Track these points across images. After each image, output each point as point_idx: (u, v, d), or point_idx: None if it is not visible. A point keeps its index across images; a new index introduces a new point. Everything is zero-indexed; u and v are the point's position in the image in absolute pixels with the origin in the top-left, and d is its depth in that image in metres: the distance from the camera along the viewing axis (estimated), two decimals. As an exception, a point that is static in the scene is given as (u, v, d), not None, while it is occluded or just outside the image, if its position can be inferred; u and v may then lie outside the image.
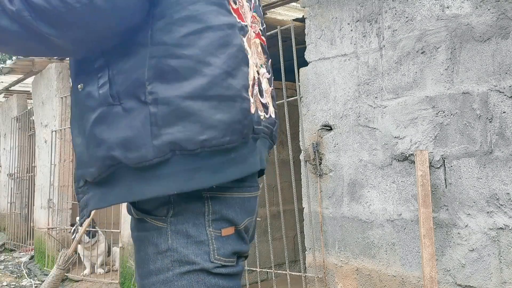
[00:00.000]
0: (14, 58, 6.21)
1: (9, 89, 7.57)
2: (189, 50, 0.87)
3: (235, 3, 0.97)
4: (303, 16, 3.04)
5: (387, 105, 2.48)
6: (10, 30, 0.82)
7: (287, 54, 3.49)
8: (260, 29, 1.11)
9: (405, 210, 2.39)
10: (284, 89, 2.88)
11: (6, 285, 5.21)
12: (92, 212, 0.90)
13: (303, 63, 2.89)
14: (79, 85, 0.94)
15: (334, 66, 2.75)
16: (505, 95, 2.03)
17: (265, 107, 1.05)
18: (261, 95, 1.04)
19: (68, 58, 0.93)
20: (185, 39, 0.87)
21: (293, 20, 3.59)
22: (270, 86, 1.12)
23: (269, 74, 1.13)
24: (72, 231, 4.61)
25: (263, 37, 1.12)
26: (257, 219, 1.11)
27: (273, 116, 1.09)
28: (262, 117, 1.01)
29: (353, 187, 2.63)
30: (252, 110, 0.95)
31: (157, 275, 0.90)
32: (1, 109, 8.89)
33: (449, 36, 2.23)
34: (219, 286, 0.91)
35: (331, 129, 2.77)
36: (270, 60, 1.15)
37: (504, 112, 2.04)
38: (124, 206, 5.09)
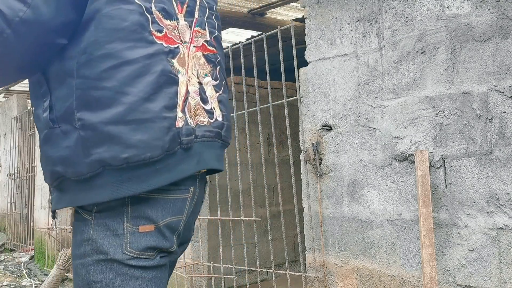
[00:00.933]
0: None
1: (9, 89, 7.57)
2: (108, 82, 1.01)
3: (160, 32, 1.08)
4: (303, 16, 3.04)
5: (387, 105, 2.48)
6: None
7: (287, 54, 3.49)
8: (205, 40, 1.22)
9: (405, 210, 2.39)
10: (284, 89, 2.89)
11: (6, 285, 5.21)
12: (57, 211, 1.09)
13: (303, 63, 2.89)
14: (32, 107, 1.10)
15: (334, 66, 2.75)
16: (505, 95, 2.03)
17: (209, 113, 1.18)
18: (205, 103, 1.18)
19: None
20: (104, 73, 1.01)
21: (293, 20, 3.59)
22: (218, 92, 1.23)
23: (216, 80, 1.23)
24: (71, 231, 4.59)
25: (209, 47, 1.23)
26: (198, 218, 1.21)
27: (219, 119, 1.22)
28: (205, 122, 1.16)
29: (353, 187, 2.63)
30: (180, 125, 1.09)
31: (80, 259, 1.06)
32: (1, 109, 8.89)
33: (449, 36, 2.23)
34: (130, 276, 1.04)
35: (331, 129, 2.77)
36: (219, 67, 1.26)
37: (504, 112, 2.04)
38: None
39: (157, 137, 1.04)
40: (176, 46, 1.12)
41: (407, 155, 2.38)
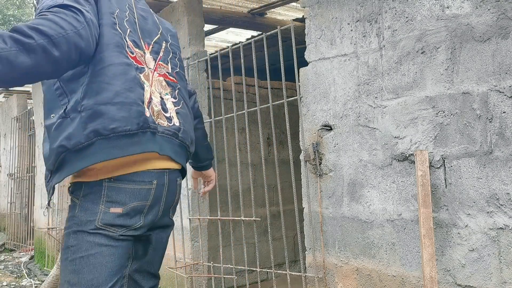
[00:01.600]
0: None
1: (9, 89, 7.57)
2: (101, 77, 1.44)
3: (132, 53, 1.55)
4: (303, 16, 3.04)
5: (387, 105, 2.48)
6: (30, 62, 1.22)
7: (287, 54, 3.49)
8: (167, 72, 1.69)
9: (405, 210, 2.39)
10: (284, 89, 2.89)
11: (6, 285, 5.21)
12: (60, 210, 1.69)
13: (303, 63, 2.89)
14: (52, 115, 1.48)
15: (334, 66, 2.75)
16: (505, 95, 2.03)
17: (168, 119, 1.60)
18: (165, 112, 1.60)
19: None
20: (99, 71, 1.44)
21: (293, 20, 3.59)
22: (176, 107, 1.67)
23: (175, 99, 1.68)
24: None
25: (170, 77, 1.70)
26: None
27: (177, 124, 1.62)
28: (164, 124, 1.56)
29: (353, 187, 2.63)
30: (147, 114, 1.49)
31: (66, 230, 1.46)
32: (1, 109, 8.89)
33: (449, 36, 2.23)
34: (96, 243, 1.43)
35: (331, 129, 2.77)
36: (177, 91, 1.70)
37: (504, 112, 2.04)
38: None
39: (134, 117, 1.45)
40: (142, 66, 1.58)
41: (407, 155, 2.38)
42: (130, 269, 1.56)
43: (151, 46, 1.66)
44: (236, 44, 3.92)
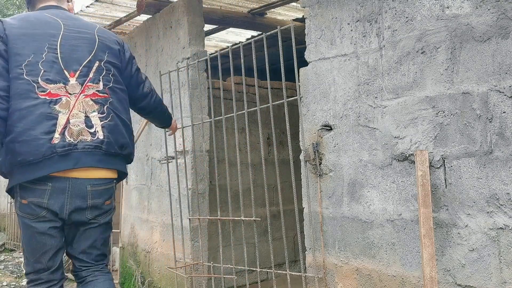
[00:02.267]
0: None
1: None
2: (10, 121, 1.94)
3: (44, 91, 1.98)
4: (303, 16, 3.04)
5: (387, 105, 2.48)
6: None
7: (287, 54, 3.48)
8: (97, 90, 2.08)
9: (405, 210, 2.39)
10: (284, 89, 2.88)
11: (6, 285, 5.21)
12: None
13: (303, 63, 2.89)
14: None
15: (334, 66, 2.75)
16: (505, 95, 2.03)
17: (92, 134, 2.04)
18: (90, 128, 2.04)
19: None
20: (10, 116, 1.94)
21: (293, 20, 3.59)
22: (103, 121, 2.07)
23: (102, 114, 2.08)
24: None
25: (101, 94, 2.09)
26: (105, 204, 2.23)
27: (100, 137, 2.06)
28: (88, 139, 2.03)
29: (353, 187, 2.63)
30: (55, 141, 1.96)
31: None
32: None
33: (449, 36, 2.23)
34: (24, 223, 2.07)
35: (331, 129, 2.77)
36: (106, 106, 2.10)
37: (504, 112, 2.04)
38: (124, 206, 5.09)
39: (36, 149, 1.93)
40: (59, 97, 1.99)
41: (407, 155, 2.38)
42: (69, 249, 2.19)
43: (78, 72, 2.05)
44: (236, 44, 3.92)
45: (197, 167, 3.83)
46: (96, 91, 2.07)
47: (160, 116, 2.72)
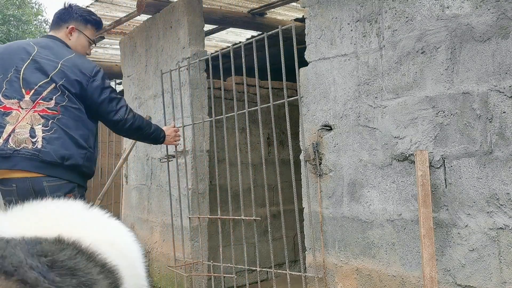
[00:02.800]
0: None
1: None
2: None
3: (1, 105, 2.34)
4: (303, 16, 3.04)
5: (387, 105, 2.48)
6: None
7: (288, 54, 3.48)
8: (47, 107, 2.35)
9: (405, 210, 2.39)
10: (285, 89, 2.88)
11: None
12: None
13: (304, 63, 2.89)
14: None
15: (334, 66, 2.74)
16: (505, 95, 2.03)
17: (33, 143, 2.29)
18: (33, 138, 2.30)
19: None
20: None
21: (293, 20, 3.59)
22: (45, 133, 2.32)
23: (46, 127, 2.33)
24: None
25: (50, 111, 2.35)
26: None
27: (39, 147, 2.29)
28: (29, 147, 2.29)
29: (353, 187, 2.63)
30: None
31: None
32: None
33: (449, 36, 2.23)
34: None
35: (331, 129, 2.77)
36: (52, 121, 2.34)
37: (504, 112, 2.04)
38: (124, 206, 5.09)
39: None
40: (10, 111, 2.33)
41: (407, 155, 2.38)
42: None
43: (33, 90, 2.37)
44: (236, 44, 3.92)
45: (197, 166, 3.83)
46: (46, 107, 2.37)
47: (142, 140, 2.95)
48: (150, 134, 2.85)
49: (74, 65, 2.51)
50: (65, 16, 2.74)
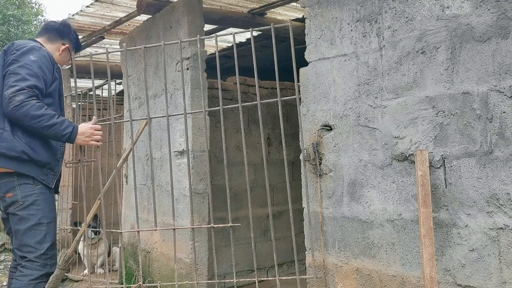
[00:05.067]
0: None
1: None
2: None
3: None
4: (303, 16, 3.03)
5: (387, 105, 2.48)
6: None
7: (288, 54, 3.48)
8: None
9: (405, 210, 2.39)
10: (278, 88, 2.88)
11: (6, 285, 5.20)
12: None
13: (303, 63, 2.89)
14: None
15: (334, 66, 2.74)
16: (505, 95, 2.03)
17: None
18: None
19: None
20: None
21: (293, 20, 3.58)
22: None
23: None
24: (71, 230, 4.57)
25: None
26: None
27: None
28: None
29: (353, 187, 2.63)
30: None
31: None
32: (1, 109, 8.85)
33: (449, 36, 2.23)
34: None
35: (331, 129, 2.77)
36: None
37: (504, 112, 2.04)
38: (124, 206, 5.09)
39: None
40: None
41: (407, 155, 2.38)
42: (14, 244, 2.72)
43: None
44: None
45: (197, 167, 3.83)
46: None
47: (39, 132, 2.50)
48: (46, 128, 2.45)
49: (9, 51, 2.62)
50: (64, 33, 2.84)
